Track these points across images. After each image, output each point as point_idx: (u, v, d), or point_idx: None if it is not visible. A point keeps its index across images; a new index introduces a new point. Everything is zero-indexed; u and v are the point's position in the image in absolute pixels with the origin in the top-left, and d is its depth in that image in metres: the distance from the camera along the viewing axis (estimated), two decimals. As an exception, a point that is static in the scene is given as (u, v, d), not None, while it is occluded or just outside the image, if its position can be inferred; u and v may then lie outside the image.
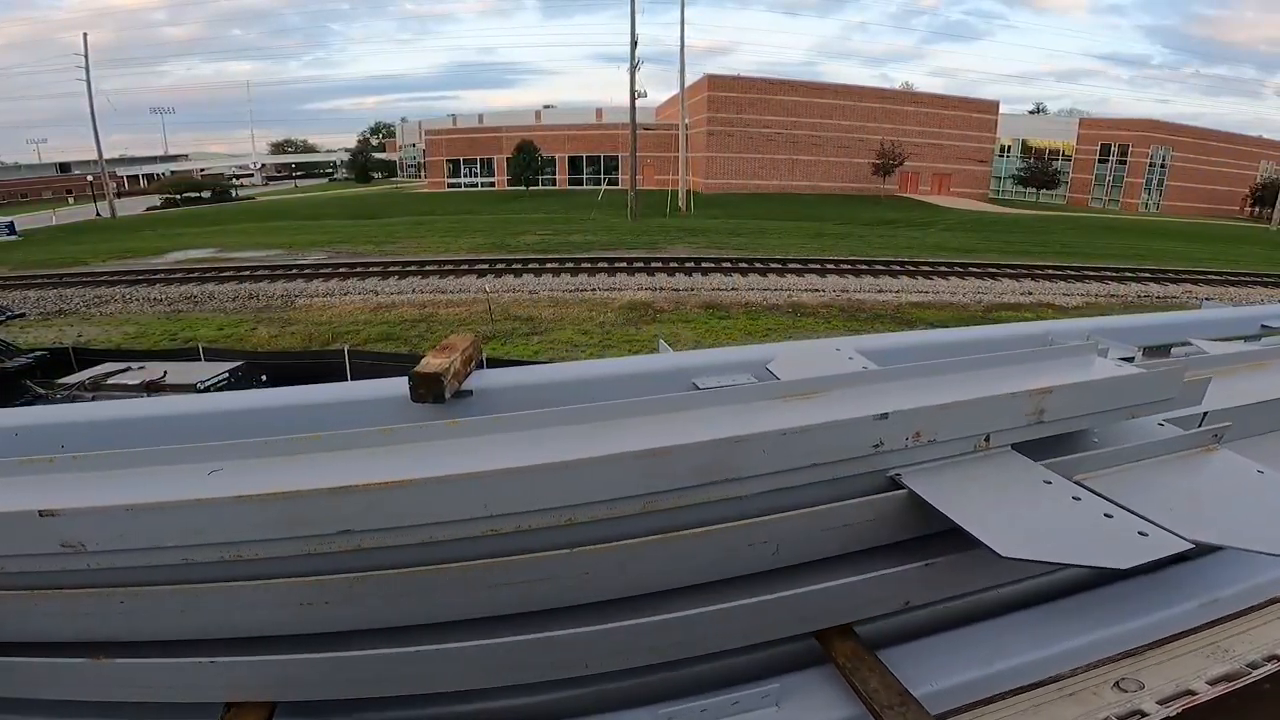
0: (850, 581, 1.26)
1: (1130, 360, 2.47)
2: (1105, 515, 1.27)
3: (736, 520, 1.20)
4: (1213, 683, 1.23)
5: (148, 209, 54.76)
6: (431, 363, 1.87)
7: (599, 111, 65.63)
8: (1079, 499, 1.31)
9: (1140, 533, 1.22)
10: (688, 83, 44.11)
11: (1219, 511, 1.36)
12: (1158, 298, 17.99)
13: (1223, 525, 1.30)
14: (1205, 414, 1.92)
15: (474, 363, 2.09)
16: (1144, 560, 1.18)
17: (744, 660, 1.29)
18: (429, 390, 1.82)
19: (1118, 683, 1.26)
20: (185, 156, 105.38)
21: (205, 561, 1.12)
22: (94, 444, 1.88)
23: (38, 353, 9.18)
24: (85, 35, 49.67)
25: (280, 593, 1.13)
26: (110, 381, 7.79)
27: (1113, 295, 17.99)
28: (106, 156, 52.64)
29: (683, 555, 1.19)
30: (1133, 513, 1.28)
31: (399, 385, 1.86)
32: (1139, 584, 1.48)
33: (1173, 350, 2.98)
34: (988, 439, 1.35)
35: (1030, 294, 17.58)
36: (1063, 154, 62.99)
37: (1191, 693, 1.21)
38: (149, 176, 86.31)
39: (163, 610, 1.16)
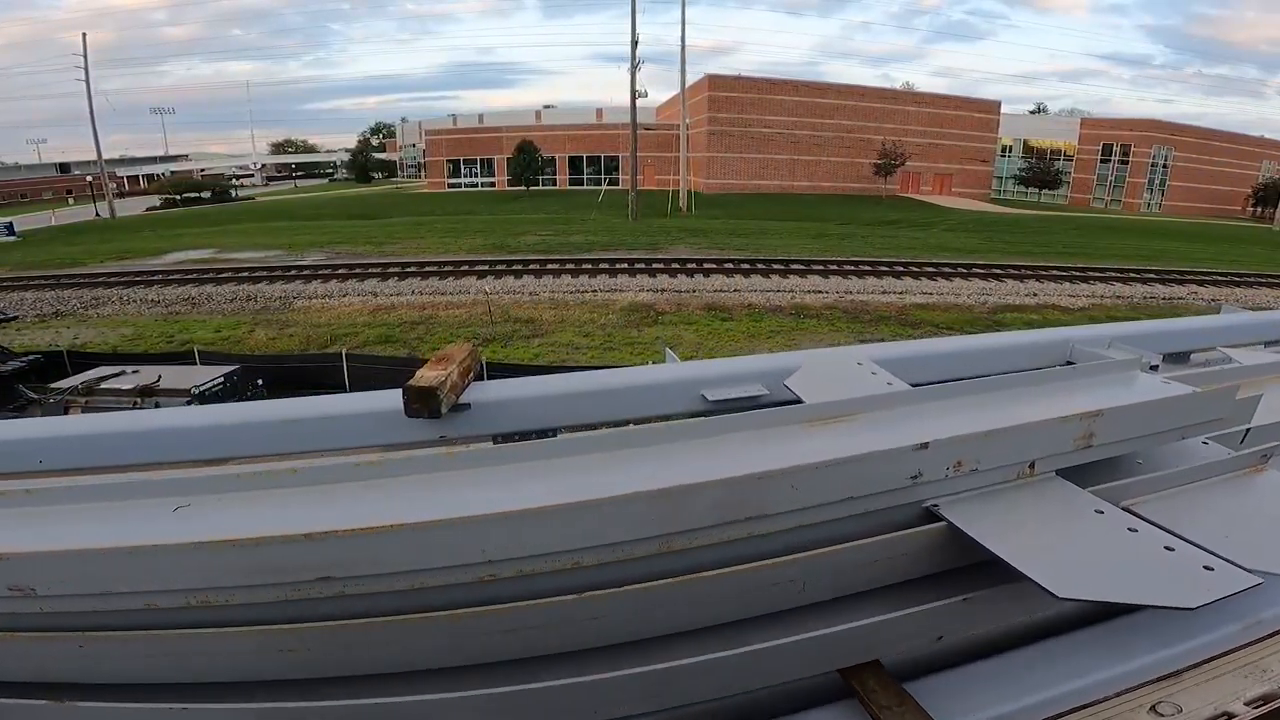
0: (881, 619, 1.15)
1: (1155, 368, 2.38)
2: (1166, 548, 1.16)
3: (760, 559, 1.09)
4: (1250, 703, 1.16)
5: (147, 209, 54.65)
6: (426, 375, 1.76)
7: (599, 112, 65.53)
8: (1135, 530, 1.19)
9: (1205, 567, 1.12)
10: (689, 82, 44.02)
11: (1277, 538, 1.26)
12: (1163, 299, 17.86)
13: (1281, 553, 1.19)
14: (1248, 430, 1.82)
15: (472, 374, 1.98)
16: (1213, 599, 1.07)
17: (764, 694, 1.18)
18: (424, 405, 1.72)
19: (1154, 707, 1.17)
20: (186, 157, 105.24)
21: (170, 607, 1.01)
22: (74, 460, 1.78)
23: (31, 356, 9.08)
24: (84, 35, 49.62)
25: (256, 639, 1.02)
26: (104, 386, 7.67)
27: (1118, 297, 17.86)
28: (107, 157, 52.57)
29: (701, 597, 1.07)
30: (1193, 544, 1.17)
31: (393, 398, 1.76)
32: (1181, 606, 1.38)
33: (1192, 356, 2.89)
34: (1032, 466, 1.23)
35: (1035, 295, 17.46)
36: (1064, 154, 62.84)
37: (1230, 715, 1.14)
38: (149, 177, 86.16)
39: (127, 655, 1.05)
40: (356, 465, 0.95)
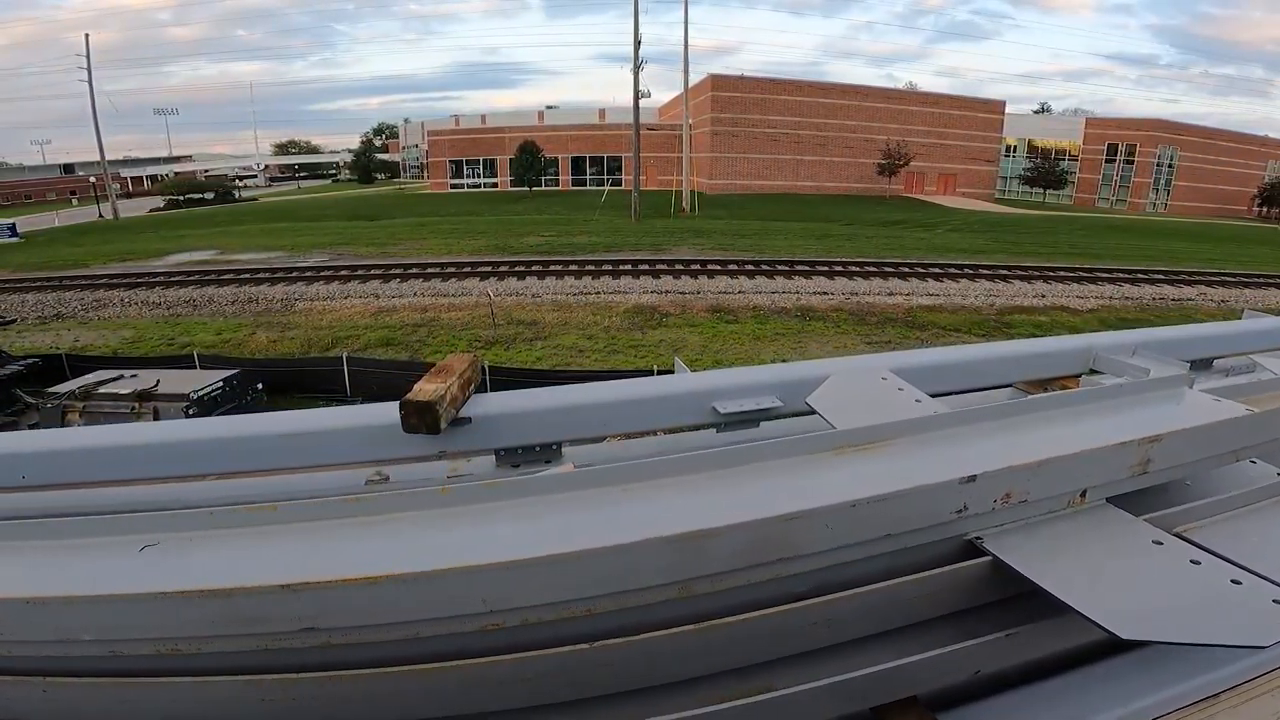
0: (918, 659, 1.06)
1: (1181, 377, 2.28)
2: (1233, 582, 1.06)
3: (787, 599, 1.00)
4: (1288, 723, 1.10)
5: (151, 210, 54.69)
6: (425, 389, 1.67)
7: (602, 112, 65.43)
8: (1198, 563, 1.10)
9: (1275, 600, 1.03)
10: (691, 83, 43.94)
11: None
12: (1173, 300, 17.70)
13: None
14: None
15: (473, 386, 1.88)
16: (1286, 635, 0.98)
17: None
18: (422, 420, 1.64)
19: None
20: (189, 158, 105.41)
21: (137, 654, 0.92)
22: (56, 475, 1.71)
23: (30, 360, 9.00)
24: (87, 36, 49.70)
25: (234, 689, 0.92)
26: (102, 390, 7.58)
27: (1127, 298, 17.70)
28: (111, 158, 52.70)
29: (724, 642, 0.98)
30: (1260, 576, 1.08)
31: (391, 411, 1.68)
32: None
33: (1215, 363, 2.81)
34: (1084, 494, 1.13)
35: (1043, 297, 17.30)
36: (1068, 154, 62.60)
37: None
38: (153, 178, 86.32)
39: (94, 699, 0.96)
40: (342, 502, 0.86)
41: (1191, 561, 1.10)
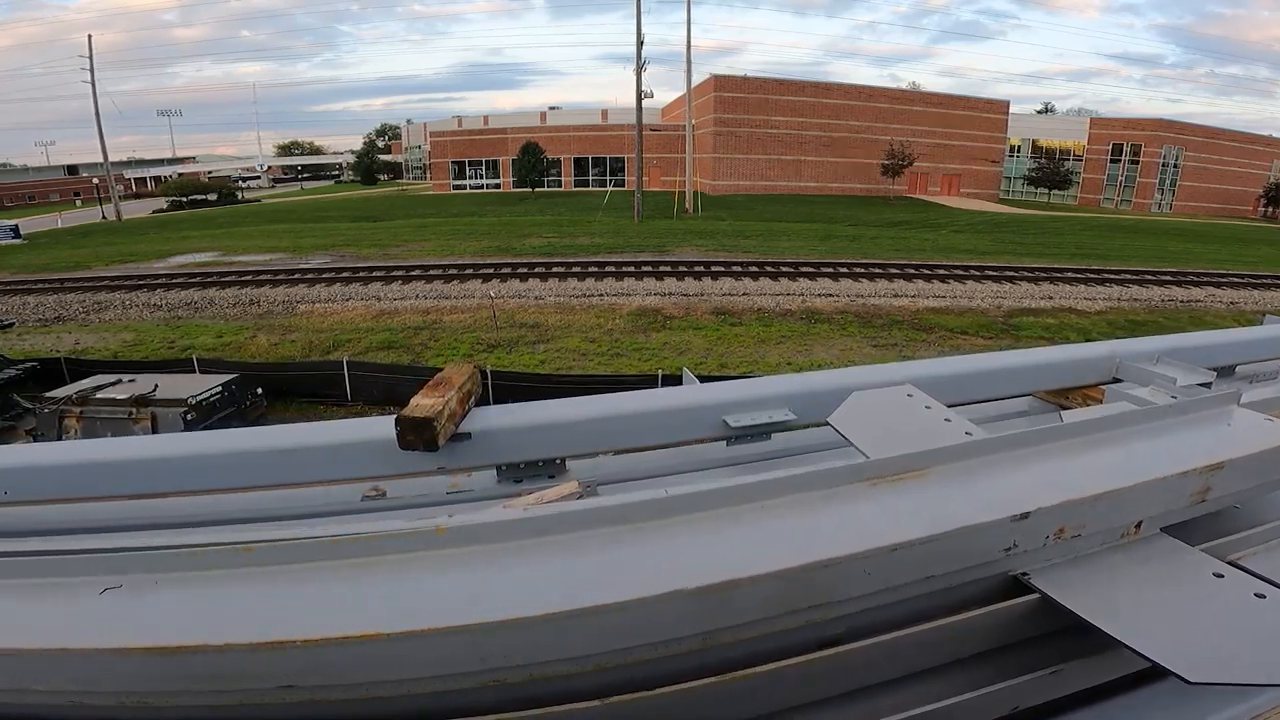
0: (956, 701, 0.98)
1: (1208, 386, 2.20)
2: (1297, 615, 0.98)
3: (819, 644, 0.91)
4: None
5: (154, 211, 54.73)
6: (422, 404, 1.59)
7: (604, 112, 65.36)
8: (1263, 596, 1.01)
9: (1348, 634, 0.94)
10: (694, 83, 43.82)
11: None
12: (1181, 301, 17.55)
13: None
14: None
15: (473, 399, 1.80)
16: (1356, 670, 0.91)
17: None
18: (419, 437, 1.56)
19: None
20: (193, 159, 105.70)
21: (101, 705, 0.83)
22: (40, 491, 1.65)
23: (28, 364, 8.93)
24: (90, 37, 49.81)
25: (210, 743, 0.83)
26: (99, 395, 7.50)
27: (1135, 299, 17.54)
28: (115, 159, 52.80)
29: (748, 693, 0.89)
30: (1322, 608, 1.00)
31: (387, 425, 1.60)
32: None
33: (1238, 369, 2.73)
34: (1139, 525, 1.04)
35: (1050, 298, 17.16)
36: (1073, 154, 62.37)
37: None
38: (156, 179, 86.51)
39: (60, 750, 0.87)
40: (326, 544, 0.76)
41: (1256, 595, 1.01)
